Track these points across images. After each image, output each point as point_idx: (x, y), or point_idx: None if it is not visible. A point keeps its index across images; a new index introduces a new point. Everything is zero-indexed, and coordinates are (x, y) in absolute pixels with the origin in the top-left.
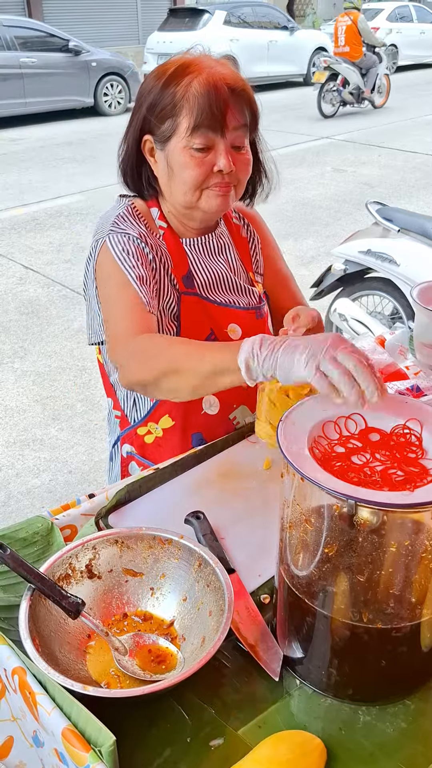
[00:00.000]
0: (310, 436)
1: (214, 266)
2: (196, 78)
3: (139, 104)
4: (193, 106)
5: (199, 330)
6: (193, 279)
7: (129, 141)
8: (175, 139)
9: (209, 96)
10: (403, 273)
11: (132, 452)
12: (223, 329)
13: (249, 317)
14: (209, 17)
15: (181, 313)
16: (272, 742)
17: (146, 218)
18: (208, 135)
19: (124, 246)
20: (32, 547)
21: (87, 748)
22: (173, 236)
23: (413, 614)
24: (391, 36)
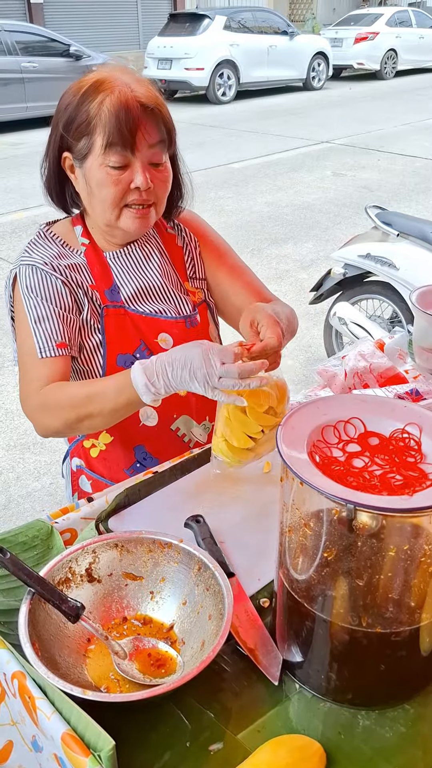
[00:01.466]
0: (309, 441)
1: (140, 276)
2: (109, 96)
3: (57, 121)
4: (105, 124)
5: (126, 342)
6: (118, 291)
7: (50, 158)
8: (91, 157)
9: (119, 114)
10: (403, 277)
11: (81, 466)
12: (153, 339)
13: (179, 327)
14: (209, 22)
15: (105, 326)
16: (271, 746)
17: (65, 237)
18: (123, 153)
19: (29, 281)
20: (32, 551)
21: (86, 752)
22: (95, 251)
23: (412, 618)
24: (390, 40)
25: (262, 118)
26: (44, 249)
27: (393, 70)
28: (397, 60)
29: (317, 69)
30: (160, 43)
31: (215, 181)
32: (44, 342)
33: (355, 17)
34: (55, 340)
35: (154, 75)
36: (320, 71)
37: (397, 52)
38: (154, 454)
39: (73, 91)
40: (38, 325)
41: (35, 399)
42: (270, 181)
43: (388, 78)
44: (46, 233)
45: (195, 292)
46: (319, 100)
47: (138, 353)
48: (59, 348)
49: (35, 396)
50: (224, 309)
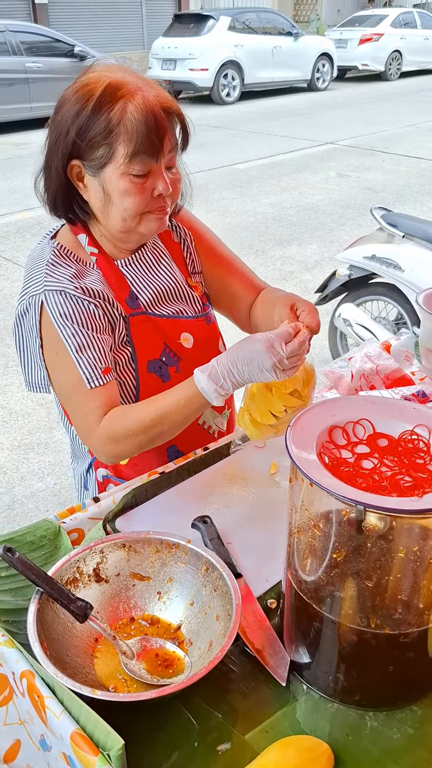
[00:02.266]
0: (318, 442)
1: (155, 280)
2: (131, 102)
3: (64, 128)
4: (131, 133)
5: (152, 347)
6: (137, 298)
7: (56, 167)
8: (111, 166)
9: (147, 122)
10: (408, 278)
11: (108, 475)
12: (176, 340)
13: (199, 324)
14: (214, 23)
15: (132, 335)
16: (279, 747)
17: (75, 250)
18: (148, 161)
19: (62, 308)
20: (40, 551)
21: (96, 751)
22: (107, 260)
23: (421, 620)
24: (395, 42)
25: (266, 119)
26: (66, 269)
27: (398, 71)
28: (401, 61)
29: (322, 70)
30: (165, 43)
31: (219, 182)
32: (90, 371)
33: (359, 18)
34: (100, 368)
35: (158, 75)
36: (325, 72)
37: (401, 54)
38: (184, 450)
39: (81, 96)
40: (81, 354)
41: (100, 432)
42: (274, 182)
43: (392, 79)
44: (60, 250)
45: (197, 286)
46: (324, 101)
47: (164, 356)
48: (105, 374)
49: (98, 429)
50: (219, 300)
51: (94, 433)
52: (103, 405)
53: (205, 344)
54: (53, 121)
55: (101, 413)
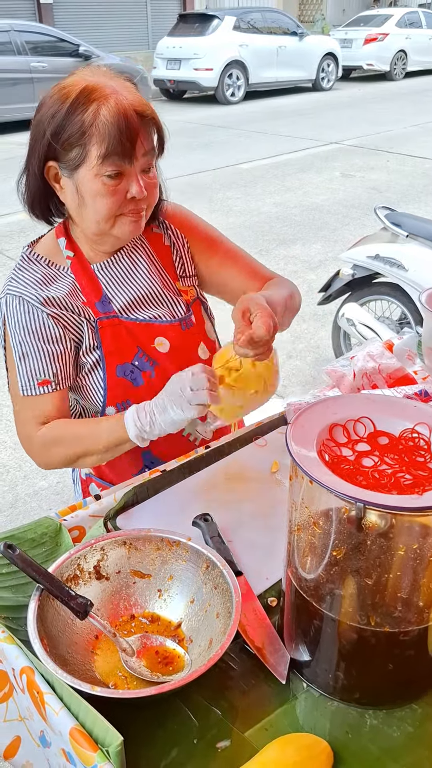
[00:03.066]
0: (318, 440)
1: (131, 284)
2: (104, 104)
3: (41, 130)
4: (103, 135)
5: (123, 351)
6: (110, 302)
7: (33, 169)
8: (84, 168)
9: (119, 125)
10: (412, 278)
11: (90, 474)
12: (150, 345)
13: (174, 330)
14: (219, 23)
15: (102, 339)
16: (279, 744)
17: (49, 256)
18: (120, 163)
19: (15, 314)
20: (40, 548)
21: (95, 748)
22: (81, 264)
23: (421, 618)
24: (400, 42)
25: (270, 119)
26: (31, 274)
27: (403, 71)
28: (406, 61)
29: (326, 70)
30: (170, 43)
31: (223, 181)
32: (27, 380)
33: (364, 18)
34: (37, 378)
35: (163, 75)
36: (329, 72)
37: (407, 53)
38: (161, 456)
39: (58, 98)
40: (21, 362)
41: (36, 439)
42: (278, 182)
43: (397, 79)
44: (30, 255)
45: (187, 290)
46: (329, 101)
47: (136, 360)
48: (41, 386)
49: (34, 437)
50: (223, 292)
51: (29, 441)
52: (39, 415)
53: (182, 350)
54: (33, 122)
55: (38, 422)
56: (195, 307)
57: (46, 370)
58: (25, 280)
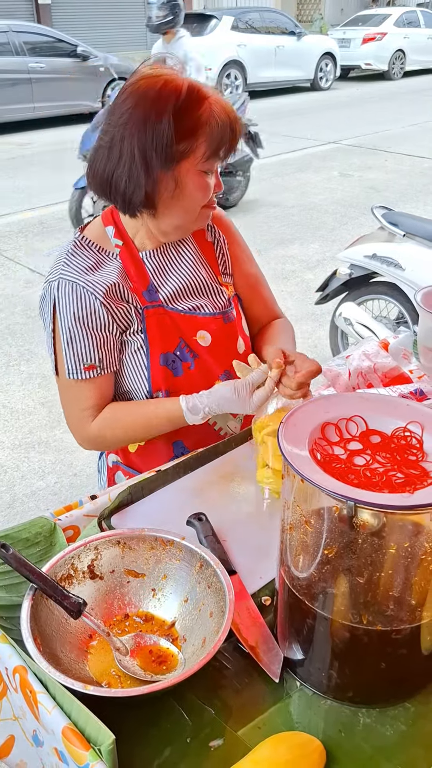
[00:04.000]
0: (310, 438)
1: (177, 275)
2: (214, 104)
3: (162, 111)
4: (214, 134)
5: (167, 340)
6: (156, 291)
7: (150, 141)
8: (187, 162)
9: (228, 126)
10: (409, 277)
11: (118, 461)
12: (192, 337)
13: (216, 323)
14: (217, 22)
15: (147, 327)
16: (272, 742)
17: (99, 242)
18: (216, 160)
19: (66, 299)
20: (35, 548)
21: (87, 746)
22: (131, 252)
23: (413, 616)
24: (398, 41)
25: (269, 119)
26: (83, 259)
27: (401, 70)
28: (405, 60)
29: (325, 69)
30: None
31: None
32: (73, 364)
33: (363, 18)
34: (83, 363)
35: None
36: (328, 72)
37: (405, 53)
38: (192, 447)
39: (171, 91)
40: (69, 346)
41: (91, 429)
42: (276, 182)
43: (396, 78)
44: (82, 241)
45: (228, 285)
46: (327, 100)
47: (178, 351)
48: (87, 371)
49: (90, 426)
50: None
51: (85, 428)
52: (84, 399)
53: (223, 343)
54: (130, 115)
55: (81, 406)
56: (234, 302)
57: (93, 356)
58: (77, 266)
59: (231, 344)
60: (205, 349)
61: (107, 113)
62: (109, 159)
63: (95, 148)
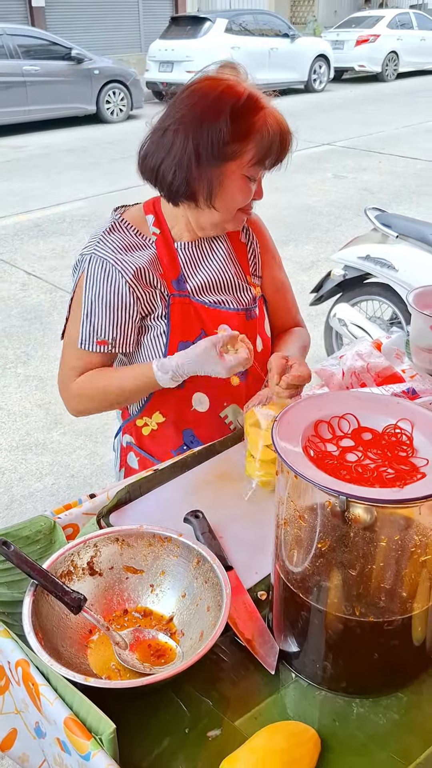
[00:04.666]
0: (304, 436)
1: (207, 269)
2: (269, 115)
3: (220, 112)
4: (264, 142)
5: (188, 330)
6: (185, 282)
7: (203, 139)
8: (234, 163)
9: (279, 138)
10: (402, 278)
11: (131, 442)
12: (213, 330)
13: (239, 318)
14: (210, 25)
15: (170, 314)
16: (268, 732)
17: (137, 226)
18: (261, 168)
19: (95, 274)
20: (35, 545)
21: (88, 736)
22: (167, 241)
23: (404, 608)
24: (391, 43)
25: None
26: (118, 240)
27: (394, 72)
28: (398, 62)
29: (318, 71)
30: (162, 46)
31: None
32: (87, 335)
33: (356, 19)
34: (97, 337)
35: (155, 78)
36: (321, 73)
37: (398, 55)
38: (201, 438)
39: (232, 95)
40: (88, 318)
41: (73, 387)
42: (271, 183)
43: (389, 80)
44: (120, 222)
45: (255, 285)
46: (321, 102)
47: (197, 341)
48: (99, 345)
49: (72, 384)
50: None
51: (68, 388)
52: (83, 367)
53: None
54: (189, 110)
55: (78, 372)
56: (259, 302)
57: (108, 333)
58: (111, 244)
59: (250, 341)
60: None
61: (167, 106)
62: (161, 148)
63: (149, 136)
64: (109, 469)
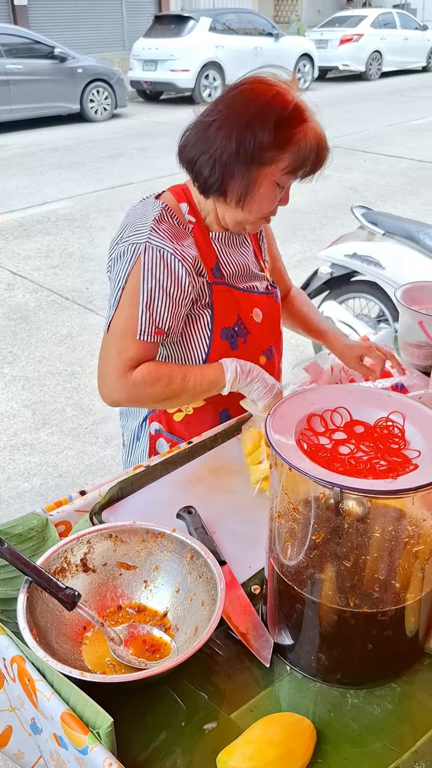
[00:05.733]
0: (297, 429)
1: (238, 256)
2: (310, 129)
3: (266, 118)
4: (301, 154)
5: (228, 316)
6: (221, 269)
7: (244, 141)
8: (268, 169)
9: (315, 152)
10: (388, 276)
11: (160, 429)
12: (249, 314)
13: (268, 301)
14: (194, 24)
15: (213, 301)
16: (264, 722)
17: (177, 215)
18: (292, 178)
19: (154, 264)
20: (28, 543)
21: (85, 730)
22: (202, 230)
23: (398, 598)
24: (375, 42)
25: None
26: (170, 229)
27: (378, 71)
28: (382, 61)
29: (303, 70)
30: (146, 44)
31: None
32: (146, 326)
33: (339, 19)
34: (156, 327)
35: (139, 77)
36: (306, 73)
37: (381, 54)
38: (234, 415)
39: (279, 103)
40: (147, 308)
41: (134, 376)
42: None
43: (373, 79)
44: (167, 211)
45: (266, 269)
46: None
47: (236, 326)
48: (157, 335)
49: (130, 373)
50: None
51: (123, 376)
52: (139, 359)
53: (271, 321)
54: (236, 110)
55: (134, 364)
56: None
57: (165, 322)
58: (166, 233)
59: (276, 321)
60: (257, 326)
61: (215, 101)
62: (202, 141)
63: (191, 127)
64: (98, 468)
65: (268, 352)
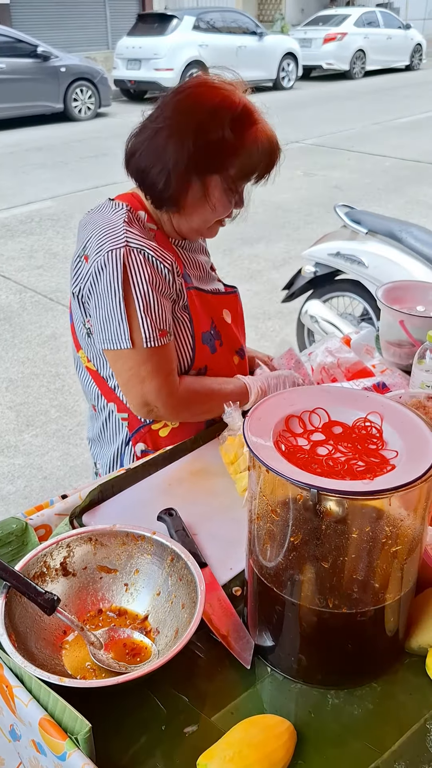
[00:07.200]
0: (275, 430)
1: (198, 260)
2: (261, 131)
3: (217, 122)
4: (254, 156)
5: (204, 320)
6: (188, 274)
7: (196, 149)
8: (220, 176)
9: (267, 155)
10: (371, 274)
11: (146, 450)
12: (220, 316)
13: (233, 300)
14: (178, 22)
15: (190, 305)
16: (244, 725)
17: (141, 220)
18: (245, 182)
19: (139, 267)
20: (7, 548)
21: (64, 736)
22: (164, 237)
23: (377, 598)
24: (358, 41)
25: None
26: (141, 231)
27: (362, 70)
28: (365, 60)
29: (287, 69)
30: (129, 43)
31: None
32: (150, 331)
33: (323, 18)
34: (159, 329)
35: (123, 75)
36: (290, 71)
37: (365, 53)
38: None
39: (227, 107)
40: (146, 314)
41: (180, 393)
42: None
43: (357, 78)
44: (132, 214)
45: (215, 270)
46: (289, 100)
47: (212, 329)
48: (162, 337)
49: (180, 389)
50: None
51: (173, 393)
52: (165, 364)
53: (238, 320)
54: (183, 116)
55: (165, 373)
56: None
57: (165, 322)
58: (140, 235)
59: (242, 320)
60: (228, 327)
61: (157, 105)
62: (152, 151)
63: (138, 133)
64: (83, 470)
65: (240, 351)
